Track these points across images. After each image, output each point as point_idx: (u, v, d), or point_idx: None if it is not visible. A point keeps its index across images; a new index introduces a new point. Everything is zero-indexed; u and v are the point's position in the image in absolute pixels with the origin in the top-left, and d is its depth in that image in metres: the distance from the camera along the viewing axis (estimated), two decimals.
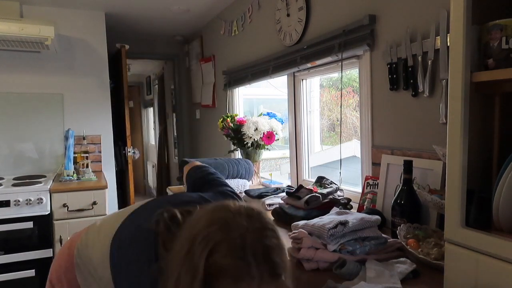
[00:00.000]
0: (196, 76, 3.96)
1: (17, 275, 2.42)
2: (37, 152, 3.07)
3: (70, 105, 3.13)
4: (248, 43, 2.78)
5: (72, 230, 2.54)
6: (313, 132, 2.35)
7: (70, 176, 2.80)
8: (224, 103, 3.24)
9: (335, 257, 1.08)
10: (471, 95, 0.81)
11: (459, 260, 0.83)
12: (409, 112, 1.49)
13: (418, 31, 1.41)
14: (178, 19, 3.47)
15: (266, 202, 1.86)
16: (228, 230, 0.72)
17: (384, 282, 0.94)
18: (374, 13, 1.61)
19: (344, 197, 1.67)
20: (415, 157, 1.41)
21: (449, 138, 0.83)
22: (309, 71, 2.14)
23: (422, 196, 1.23)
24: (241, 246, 0.70)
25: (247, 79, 2.71)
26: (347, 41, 1.73)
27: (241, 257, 0.69)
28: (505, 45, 0.79)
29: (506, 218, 0.78)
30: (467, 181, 0.82)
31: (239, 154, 2.82)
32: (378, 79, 1.63)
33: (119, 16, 3.31)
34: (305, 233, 1.15)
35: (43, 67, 3.05)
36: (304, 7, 2.06)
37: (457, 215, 0.82)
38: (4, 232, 2.38)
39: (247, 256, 0.70)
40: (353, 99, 2.16)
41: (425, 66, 1.38)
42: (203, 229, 0.73)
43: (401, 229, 1.22)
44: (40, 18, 2.92)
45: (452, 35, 0.83)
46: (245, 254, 0.70)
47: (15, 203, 2.39)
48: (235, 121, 2.58)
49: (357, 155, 2.06)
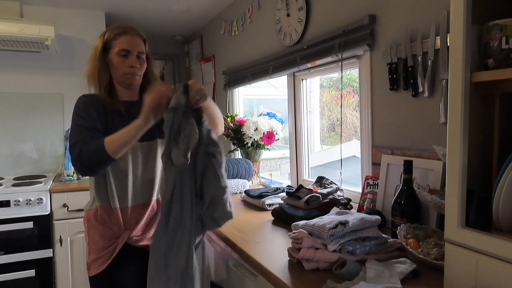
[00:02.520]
0: (196, 76, 3.96)
1: (17, 275, 2.42)
2: (37, 152, 3.07)
3: (70, 105, 3.10)
4: (248, 43, 2.78)
5: (72, 230, 2.54)
6: (313, 132, 2.35)
7: (70, 176, 2.80)
8: (224, 103, 3.24)
9: (335, 257, 1.08)
10: (471, 95, 0.81)
11: (459, 260, 0.83)
12: (409, 112, 1.49)
13: (418, 31, 1.41)
14: (178, 19, 3.47)
15: (266, 202, 1.86)
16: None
17: (384, 282, 0.94)
18: (374, 13, 1.61)
19: (344, 197, 1.67)
20: (415, 157, 1.41)
21: (449, 138, 0.83)
22: (309, 71, 2.14)
23: (422, 196, 1.23)
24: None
25: (247, 79, 2.71)
26: (347, 41, 1.73)
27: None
28: (505, 45, 0.79)
29: (506, 218, 0.78)
30: (467, 181, 0.82)
31: (239, 154, 2.82)
32: (378, 79, 1.63)
33: (119, 16, 3.30)
34: (305, 233, 1.15)
35: (43, 67, 3.05)
36: (304, 7, 2.06)
37: (457, 215, 0.82)
38: (4, 232, 2.39)
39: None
40: (353, 99, 2.16)
41: (425, 66, 1.39)
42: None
43: (401, 229, 1.22)
44: (40, 18, 2.92)
45: (452, 35, 0.83)
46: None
47: (15, 203, 2.39)
48: (235, 121, 2.58)
49: (357, 155, 2.06)
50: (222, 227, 1.54)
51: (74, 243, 2.56)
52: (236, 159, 2.39)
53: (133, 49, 1.37)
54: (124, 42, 1.37)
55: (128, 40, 1.37)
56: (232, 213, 1.21)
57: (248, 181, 2.35)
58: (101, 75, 1.38)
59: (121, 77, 1.39)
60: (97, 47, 1.40)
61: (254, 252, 1.26)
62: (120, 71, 1.37)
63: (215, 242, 1.65)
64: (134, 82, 1.41)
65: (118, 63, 1.37)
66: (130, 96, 1.45)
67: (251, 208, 1.89)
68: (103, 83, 1.38)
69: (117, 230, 1.39)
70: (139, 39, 1.41)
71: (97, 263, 1.36)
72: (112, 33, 1.39)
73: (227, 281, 1.55)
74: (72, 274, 2.57)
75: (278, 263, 1.16)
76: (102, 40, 1.40)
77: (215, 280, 1.67)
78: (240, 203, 2.01)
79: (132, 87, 1.44)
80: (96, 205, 1.40)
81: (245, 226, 1.58)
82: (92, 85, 1.41)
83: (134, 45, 1.38)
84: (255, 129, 2.44)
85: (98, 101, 1.38)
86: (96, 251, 1.38)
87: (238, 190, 2.25)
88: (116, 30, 1.39)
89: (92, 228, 1.40)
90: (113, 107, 1.38)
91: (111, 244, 1.37)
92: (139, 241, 1.41)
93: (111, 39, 1.38)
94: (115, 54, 1.37)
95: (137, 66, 1.38)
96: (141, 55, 1.40)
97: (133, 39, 1.38)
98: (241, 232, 1.49)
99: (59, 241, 2.53)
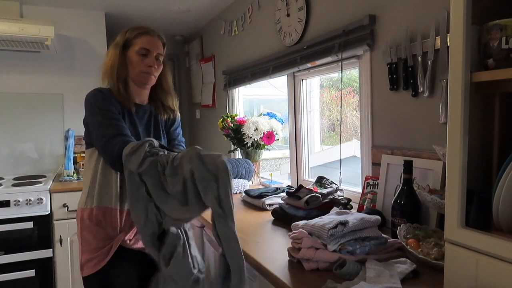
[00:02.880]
0: (196, 76, 3.96)
1: (17, 275, 2.42)
2: (37, 152, 3.07)
3: (70, 105, 3.13)
4: (248, 43, 2.78)
5: (72, 230, 2.54)
6: (313, 132, 2.35)
7: (70, 176, 2.80)
8: (224, 103, 3.24)
9: (335, 257, 1.08)
10: (471, 95, 0.81)
11: (459, 260, 0.83)
12: (409, 112, 1.49)
13: (418, 31, 1.41)
14: (178, 19, 3.47)
15: (266, 202, 1.86)
16: None
17: (384, 282, 0.94)
18: (374, 13, 1.61)
19: (344, 197, 1.67)
20: (415, 157, 1.41)
21: (449, 138, 0.83)
22: (309, 71, 2.14)
23: (422, 196, 1.23)
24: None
25: (247, 79, 2.71)
26: (347, 41, 1.73)
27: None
28: (505, 45, 0.79)
29: (506, 218, 0.78)
30: (467, 181, 0.82)
31: (239, 154, 2.82)
32: (378, 79, 1.63)
33: (119, 16, 3.30)
34: (305, 233, 1.15)
35: (43, 67, 3.05)
36: (304, 7, 2.06)
37: (457, 215, 0.82)
38: (4, 232, 2.39)
39: None
40: (353, 99, 2.16)
41: (425, 66, 1.39)
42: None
43: (401, 229, 1.22)
44: (40, 18, 2.92)
45: (452, 35, 0.83)
46: None
47: (15, 203, 2.39)
48: (235, 121, 2.58)
49: (357, 155, 2.06)
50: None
51: (74, 243, 2.56)
52: (236, 159, 2.39)
53: (153, 49, 1.40)
54: (145, 41, 1.40)
55: (149, 40, 1.40)
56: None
57: (248, 181, 2.35)
58: (119, 71, 1.39)
59: (137, 75, 1.41)
60: (118, 43, 1.41)
61: (254, 252, 1.26)
62: (138, 69, 1.39)
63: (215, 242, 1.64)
64: (150, 82, 1.44)
65: (137, 61, 1.39)
66: (141, 98, 1.47)
67: (251, 208, 1.90)
68: (121, 79, 1.39)
69: (111, 232, 1.37)
70: (159, 41, 1.44)
71: (91, 263, 1.35)
72: (134, 31, 1.41)
73: None
74: (72, 274, 2.57)
75: (278, 263, 1.16)
76: (123, 37, 1.42)
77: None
78: (240, 203, 2.01)
79: (146, 87, 1.46)
80: (91, 205, 1.37)
81: (245, 226, 1.58)
82: (106, 80, 1.42)
83: (155, 46, 1.41)
84: (255, 129, 2.44)
85: (113, 96, 1.38)
86: (90, 252, 1.36)
87: (238, 190, 2.25)
88: (138, 29, 1.42)
89: (85, 228, 1.37)
90: (126, 105, 1.39)
91: (105, 246, 1.35)
92: (133, 244, 1.40)
93: (132, 37, 1.40)
94: (134, 52, 1.39)
95: (154, 67, 1.41)
96: (159, 57, 1.43)
97: (154, 40, 1.41)
98: (241, 232, 1.49)
99: (59, 241, 2.53)
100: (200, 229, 1.87)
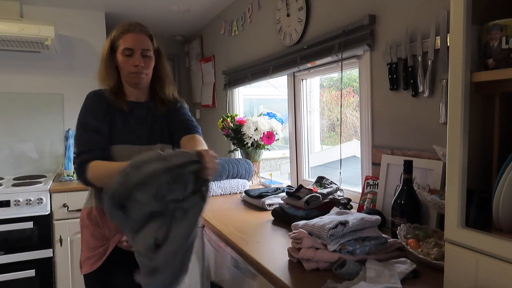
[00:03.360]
0: (196, 76, 3.96)
1: (17, 275, 2.42)
2: (37, 152, 3.07)
3: (70, 105, 3.13)
4: (248, 43, 2.78)
5: (72, 230, 2.54)
6: (313, 132, 2.35)
7: (70, 176, 2.80)
8: (224, 103, 3.24)
9: (335, 257, 1.08)
10: (471, 95, 0.81)
11: (459, 260, 0.83)
12: (409, 112, 1.49)
13: (418, 31, 1.41)
14: (178, 19, 3.47)
15: (266, 202, 1.86)
16: None
17: (384, 282, 0.94)
18: (374, 13, 1.61)
19: (344, 197, 1.67)
20: (415, 157, 1.41)
21: (449, 138, 0.83)
22: (309, 71, 2.14)
23: (422, 196, 1.23)
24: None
25: (247, 79, 2.71)
26: (347, 41, 1.73)
27: None
28: (505, 45, 0.79)
29: (506, 218, 0.78)
30: (467, 181, 0.82)
31: (239, 154, 2.82)
32: (378, 79, 1.63)
33: (119, 16, 3.30)
34: (305, 233, 1.15)
35: (43, 67, 3.05)
36: (304, 7, 2.06)
37: (457, 215, 0.82)
38: (4, 232, 2.39)
39: None
40: (353, 99, 2.16)
41: (425, 66, 1.38)
42: None
43: (401, 229, 1.22)
44: (40, 18, 2.92)
45: (452, 35, 0.83)
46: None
47: (15, 203, 2.39)
48: (235, 121, 2.58)
49: (357, 155, 2.06)
50: (222, 227, 1.55)
51: (74, 243, 2.56)
52: (236, 159, 2.39)
53: (137, 47, 1.36)
54: (128, 40, 1.36)
55: (131, 38, 1.35)
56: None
57: (248, 181, 2.35)
58: (108, 76, 1.39)
59: (127, 76, 1.39)
60: (105, 48, 1.41)
61: (254, 252, 1.26)
62: (126, 70, 1.37)
63: (215, 242, 1.64)
64: (140, 81, 1.40)
65: (123, 63, 1.37)
66: (138, 96, 1.45)
67: (251, 208, 1.89)
68: (110, 84, 1.39)
69: (107, 233, 1.37)
70: (143, 36, 1.38)
71: (89, 262, 1.36)
72: (118, 32, 1.38)
73: (227, 281, 1.55)
74: (72, 274, 2.57)
75: (278, 263, 1.16)
76: (110, 40, 1.40)
77: (215, 280, 1.67)
78: (240, 203, 2.01)
79: (140, 86, 1.43)
80: (91, 204, 1.40)
81: (245, 226, 1.58)
82: (102, 86, 1.43)
83: (138, 43, 1.36)
84: (255, 129, 2.44)
85: (104, 97, 1.39)
86: (88, 250, 1.38)
87: (238, 190, 2.25)
88: (120, 28, 1.39)
89: (85, 226, 1.40)
90: (118, 106, 1.39)
91: (102, 245, 1.36)
92: (129, 247, 1.38)
93: (116, 38, 1.38)
94: (120, 54, 1.37)
95: (141, 65, 1.36)
96: (146, 53, 1.37)
97: (136, 37, 1.36)
98: (241, 232, 1.49)
99: (59, 241, 2.53)
100: (200, 229, 1.87)
